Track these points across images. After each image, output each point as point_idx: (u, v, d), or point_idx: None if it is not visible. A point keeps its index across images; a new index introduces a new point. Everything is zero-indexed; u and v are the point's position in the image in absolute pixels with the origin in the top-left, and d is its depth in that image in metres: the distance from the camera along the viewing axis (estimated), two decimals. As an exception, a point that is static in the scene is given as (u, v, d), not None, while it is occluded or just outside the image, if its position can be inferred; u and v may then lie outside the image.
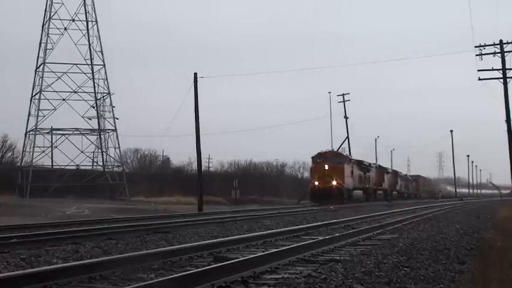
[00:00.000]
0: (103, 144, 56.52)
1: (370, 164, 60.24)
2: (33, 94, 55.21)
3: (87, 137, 56.62)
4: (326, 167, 46.02)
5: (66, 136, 55.71)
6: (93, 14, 56.74)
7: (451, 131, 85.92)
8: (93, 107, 55.68)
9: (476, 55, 37.29)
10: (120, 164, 57.28)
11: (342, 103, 68.26)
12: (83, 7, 56.50)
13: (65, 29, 56.05)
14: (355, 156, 62.01)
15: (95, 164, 56.86)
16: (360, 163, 55.20)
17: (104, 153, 56.57)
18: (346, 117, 70.49)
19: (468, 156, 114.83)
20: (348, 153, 60.27)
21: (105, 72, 56.22)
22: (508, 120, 37.06)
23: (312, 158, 49.44)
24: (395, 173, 74.67)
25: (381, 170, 64.68)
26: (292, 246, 9.91)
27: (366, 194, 56.06)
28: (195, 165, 54.82)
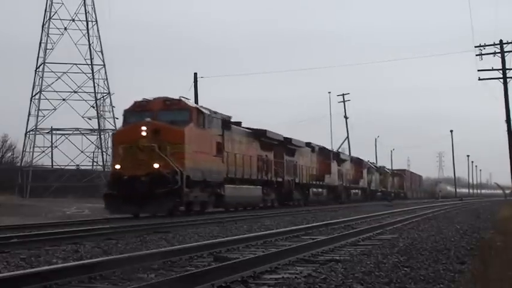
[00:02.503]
0: (103, 144, 56.48)
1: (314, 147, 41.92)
2: (33, 94, 55.26)
3: (87, 137, 56.66)
4: (144, 129, 21.97)
5: (66, 136, 55.78)
6: (93, 14, 56.78)
7: (451, 131, 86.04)
8: (93, 107, 55.69)
9: (476, 55, 37.37)
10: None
11: (342, 103, 68.26)
12: (83, 7, 56.55)
13: (65, 29, 56.11)
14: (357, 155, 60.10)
15: (95, 164, 56.85)
16: (285, 143, 34.63)
17: (104, 153, 56.53)
18: (346, 117, 70.54)
19: (468, 156, 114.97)
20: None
21: (105, 72, 56.31)
22: (508, 120, 37.10)
23: (123, 115, 24.57)
24: (359, 163, 57.27)
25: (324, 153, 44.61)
26: (292, 246, 9.92)
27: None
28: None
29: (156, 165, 21.53)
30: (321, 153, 43.42)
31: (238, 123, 29.89)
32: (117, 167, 22.10)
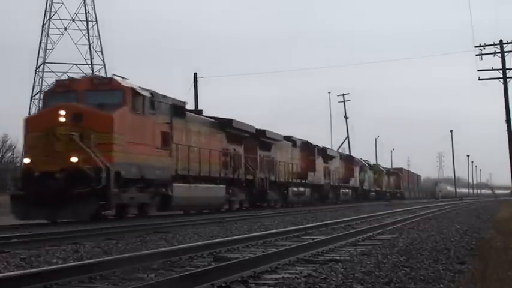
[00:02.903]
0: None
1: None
2: (33, 94, 55.34)
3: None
4: (62, 114, 18.11)
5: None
6: (93, 14, 56.84)
7: (451, 131, 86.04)
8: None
9: (476, 55, 37.36)
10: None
11: (342, 103, 68.28)
12: (83, 7, 56.68)
13: (65, 29, 56.21)
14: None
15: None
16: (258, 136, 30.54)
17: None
18: (346, 117, 70.62)
19: (468, 156, 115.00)
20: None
21: (105, 72, 56.28)
22: (508, 120, 37.11)
23: (43, 98, 22.01)
24: (350, 161, 52.73)
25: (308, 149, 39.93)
26: (292, 246, 9.93)
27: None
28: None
29: (73, 159, 17.51)
30: (304, 148, 38.68)
31: (199, 112, 26.71)
32: (27, 160, 18.29)
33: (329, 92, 66.71)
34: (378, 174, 63.92)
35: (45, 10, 56.49)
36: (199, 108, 36.61)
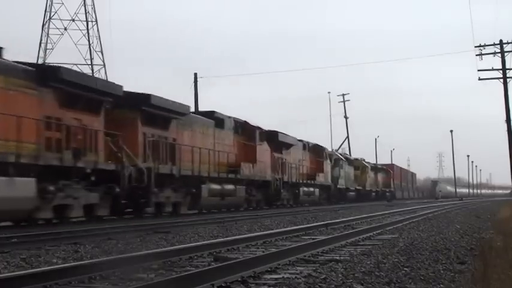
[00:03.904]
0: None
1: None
2: (33, 94, 55.18)
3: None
4: None
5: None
6: (93, 14, 56.79)
7: (451, 131, 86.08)
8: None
9: (476, 55, 37.40)
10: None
11: (342, 103, 68.31)
12: (83, 7, 56.64)
13: (65, 29, 56.18)
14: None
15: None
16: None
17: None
18: (346, 117, 70.62)
19: (468, 156, 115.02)
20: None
21: (105, 72, 56.29)
22: (508, 120, 37.12)
23: None
24: (318, 152, 41.87)
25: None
26: (292, 246, 9.94)
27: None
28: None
29: None
30: (239, 131, 29.51)
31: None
32: None
33: (329, 92, 66.61)
34: (361, 171, 55.01)
35: (45, 10, 56.52)
36: (200, 108, 36.78)
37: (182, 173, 23.09)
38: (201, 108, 35.82)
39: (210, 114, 26.91)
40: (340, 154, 50.42)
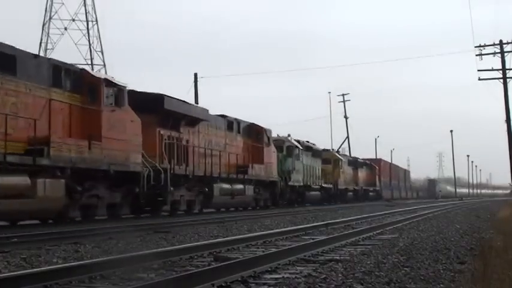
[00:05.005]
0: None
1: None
2: (34, 94, 55.16)
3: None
4: None
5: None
6: (93, 14, 56.81)
7: (451, 131, 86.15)
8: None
9: (476, 55, 37.48)
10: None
11: (342, 103, 68.30)
12: (83, 7, 56.68)
13: (65, 29, 56.19)
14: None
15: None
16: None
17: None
18: (346, 117, 70.61)
19: (468, 156, 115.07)
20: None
21: (105, 72, 56.25)
22: (508, 120, 37.15)
23: None
24: (257, 134, 30.63)
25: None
26: (292, 246, 9.94)
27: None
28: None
29: None
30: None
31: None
32: None
33: (329, 92, 66.45)
34: (333, 165, 45.10)
35: (45, 10, 56.59)
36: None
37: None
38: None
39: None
40: (298, 141, 37.54)
